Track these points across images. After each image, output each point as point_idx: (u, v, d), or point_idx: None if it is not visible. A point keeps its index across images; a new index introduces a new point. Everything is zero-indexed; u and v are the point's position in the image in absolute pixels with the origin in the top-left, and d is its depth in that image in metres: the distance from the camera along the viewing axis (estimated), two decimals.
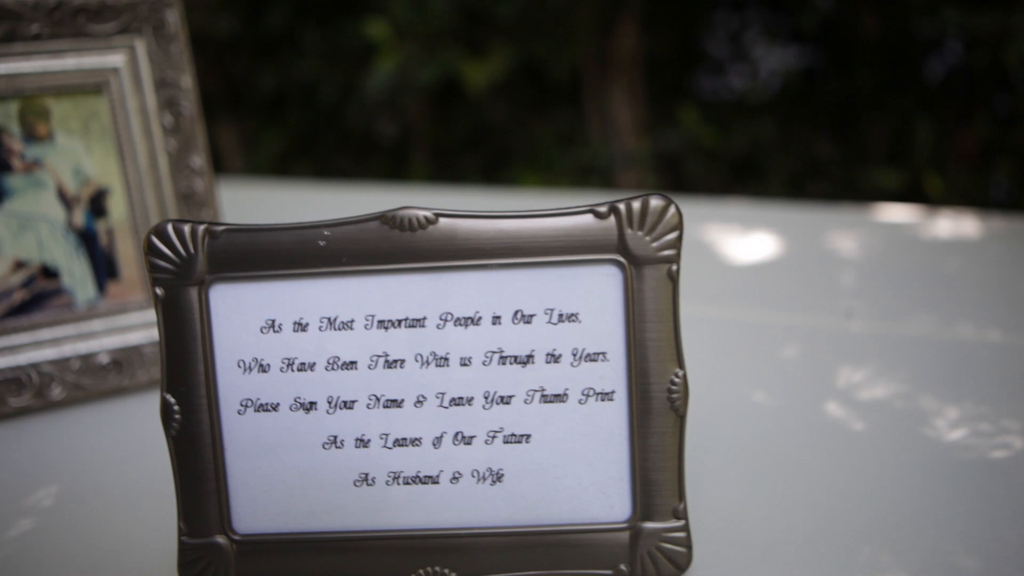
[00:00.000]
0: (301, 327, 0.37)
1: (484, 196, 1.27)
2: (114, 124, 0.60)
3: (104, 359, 0.60)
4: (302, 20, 2.06)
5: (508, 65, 1.75)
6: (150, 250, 0.36)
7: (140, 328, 0.62)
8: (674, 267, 0.36)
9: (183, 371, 0.37)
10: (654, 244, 0.36)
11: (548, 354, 0.37)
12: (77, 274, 0.61)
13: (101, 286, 0.61)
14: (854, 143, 2.04)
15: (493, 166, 2.02)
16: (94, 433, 0.58)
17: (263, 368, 0.37)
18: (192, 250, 0.36)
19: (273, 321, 0.37)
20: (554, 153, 1.88)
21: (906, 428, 0.52)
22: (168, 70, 0.60)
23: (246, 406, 0.37)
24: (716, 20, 2.16)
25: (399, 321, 0.37)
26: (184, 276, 0.36)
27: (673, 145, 1.86)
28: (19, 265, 0.60)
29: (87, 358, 0.60)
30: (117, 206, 0.61)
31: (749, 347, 0.66)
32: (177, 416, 0.37)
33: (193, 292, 0.36)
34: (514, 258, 0.36)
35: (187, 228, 0.36)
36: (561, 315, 0.36)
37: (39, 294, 0.60)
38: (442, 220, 0.36)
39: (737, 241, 0.96)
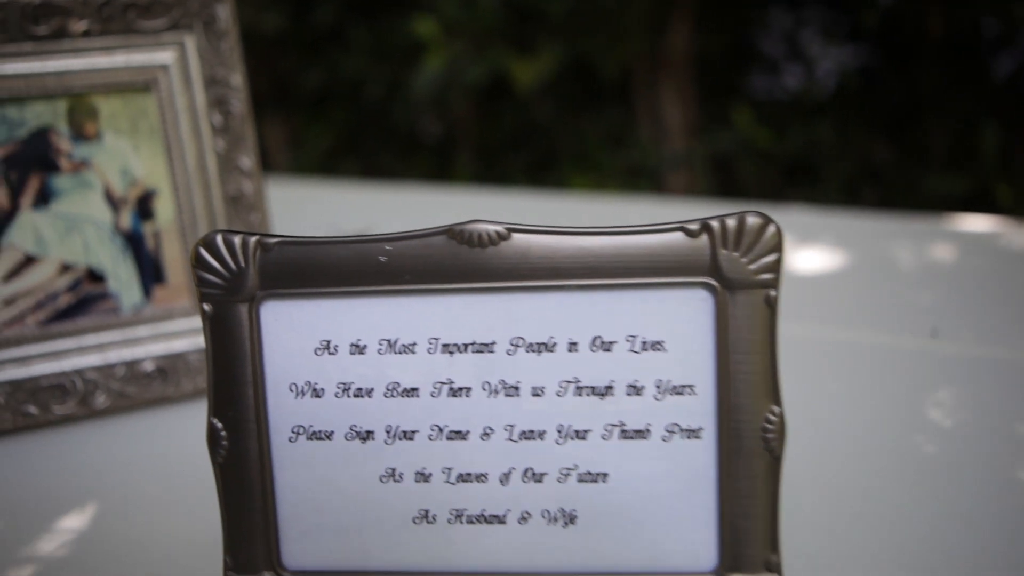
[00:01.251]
0: (359, 349, 0.34)
1: (532, 199, 1.23)
2: (163, 123, 0.58)
3: (149, 367, 0.58)
4: (349, 17, 2.05)
5: (557, 63, 1.72)
6: (198, 263, 0.34)
7: (186, 335, 0.59)
8: (772, 293, 0.32)
9: (231, 394, 0.34)
10: (751, 267, 0.32)
11: (629, 385, 0.33)
12: (123, 278, 0.59)
13: (147, 291, 0.59)
14: (914, 146, 1.96)
15: (539, 166, 1.99)
16: (137, 444, 0.56)
17: (317, 393, 0.34)
18: (243, 264, 0.34)
19: (328, 342, 0.34)
20: (602, 154, 1.84)
21: (1011, 461, 0.47)
22: (218, 67, 0.58)
23: (298, 433, 0.34)
24: (771, 18, 2.10)
25: (465, 345, 0.34)
26: (234, 291, 0.34)
27: (726, 146, 1.81)
28: (65, 268, 0.58)
29: (132, 365, 0.58)
30: (164, 208, 0.59)
31: (829, 370, 0.62)
32: (224, 442, 0.34)
33: (243, 309, 0.34)
34: (594, 279, 0.33)
35: (238, 240, 0.34)
36: (645, 343, 0.33)
37: (85, 298, 0.58)
38: (515, 236, 0.33)
39: (798, 250, 0.91)
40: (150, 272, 0.59)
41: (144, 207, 0.59)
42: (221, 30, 0.58)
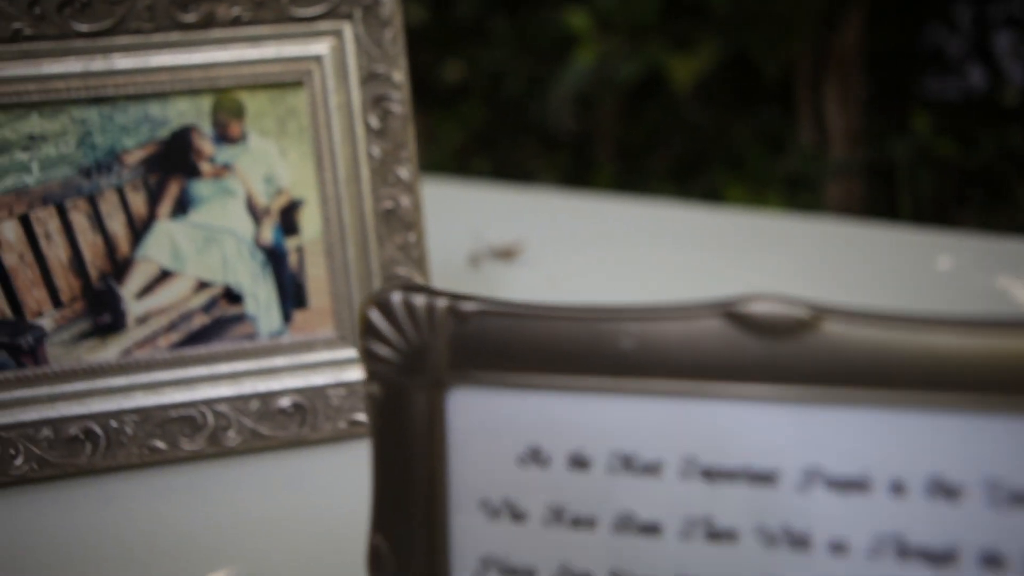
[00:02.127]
0: (580, 463, 0.24)
1: (682, 209, 1.11)
2: (314, 124, 0.51)
3: (285, 402, 0.51)
4: (492, 10, 1.98)
5: (715, 60, 1.59)
6: (368, 330, 0.25)
7: (327, 368, 0.52)
8: None
9: (402, 507, 0.25)
10: None
11: (984, 558, 0.22)
12: (262, 300, 0.52)
13: (287, 315, 0.52)
14: None
15: (685, 170, 1.86)
16: (268, 490, 0.48)
17: (518, 516, 0.25)
18: (428, 336, 0.25)
19: (538, 450, 0.24)
20: (758, 159, 1.69)
21: None
22: (379, 62, 0.50)
23: (488, 567, 0.25)
24: (955, 13, 1.88)
25: (735, 472, 0.23)
26: (413, 372, 0.25)
27: (900, 154, 1.63)
28: (201, 285, 0.52)
29: (267, 400, 0.51)
30: (310, 222, 0.52)
31: None
32: (390, 570, 0.25)
33: (424, 396, 0.25)
34: (941, 392, 0.22)
35: (421, 302, 0.25)
36: (1016, 496, 0.22)
37: (220, 320, 0.52)
38: (826, 323, 0.22)
39: None
40: (291, 294, 0.52)
41: (288, 220, 0.52)
42: (384, 18, 0.50)
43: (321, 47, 0.50)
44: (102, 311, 0.51)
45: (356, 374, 0.52)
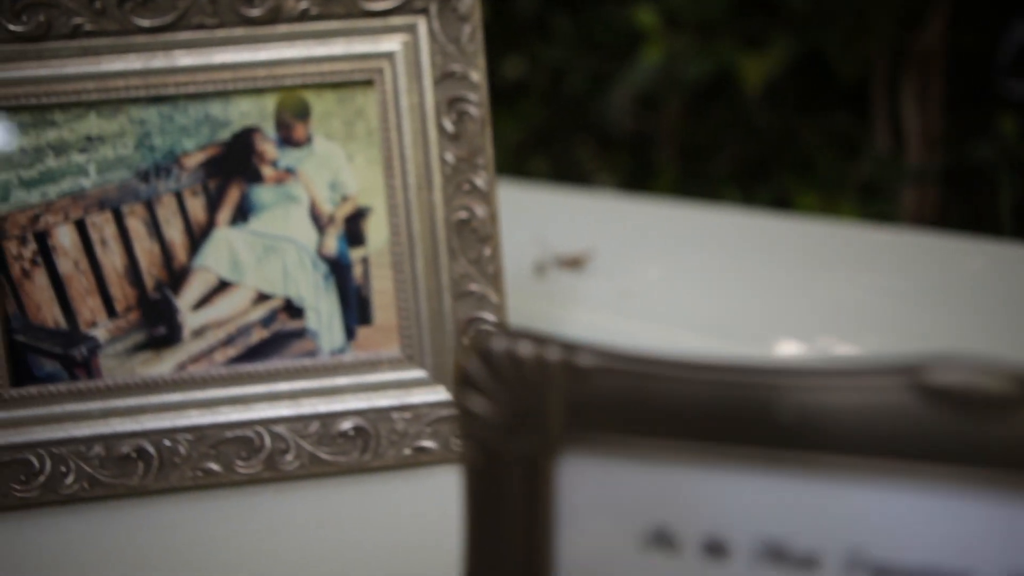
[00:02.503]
0: (718, 550, 0.20)
1: (750, 216, 1.06)
2: (383, 127, 0.47)
3: (346, 425, 0.48)
4: (554, 6, 1.94)
5: (787, 60, 1.52)
6: (465, 383, 0.21)
7: (391, 389, 0.48)
8: None
9: None
10: None
11: None
12: (324, 314, 0.49)
13: (350, 332, 0.49)
14: None
15: (751, 174, 1.79)
16: (328, 520, 0.45)
17: None
18: (536, 392, 0.21)
19: (666, 531, 0.20)
20: (830, 164, 1.62)
21: None
22: (456, 60, 0.46)
23: None
24: None
25: (915, 572, 0.19)
26: (517, 434, 0.21)
27: (983, 158, 1.54)
28: (261, 297, 0.48)
29: (327, 421, 0.48)
30: (376, 232, 0.48)
31: None
32: None
33: (529, 463, 0.21)
34: None
35: (529, 351, 0.21)
36: None
37: (279, 335, 0.49)
38: None
39: None
40: (355, 309, 0.49)
41: (353, 229, 0.48)
42: (462, 13, 0.46)
43: (393, 44, 0.46)
44: (157, 322, 0.48)
45: (423, 396, 0.48)
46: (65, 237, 0.47)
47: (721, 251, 0.88)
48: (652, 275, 0.83)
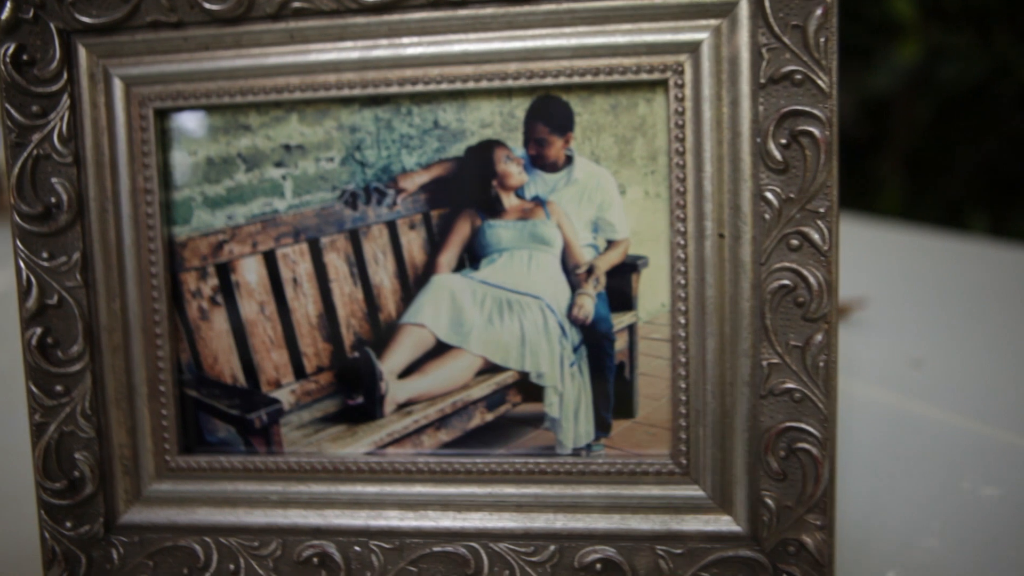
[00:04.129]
0: None
1: None
2: (674, 148, 0.33)
3: (590, 554, 0.35)
4: None
5: None
6: None
7: (655, 511, 0.35)
8: None
9: None
10: None
11: None
12: (570, 398, 0.36)
13: (603, 425, 0.36)
14: None
15: (999, 191, 1.50)
16: None
17: None
18: None
19: None
20: None
21: None
22: (797, 58, 0.32)
23: None
24: None
25: None
26: None
27: None
28: (488, 369, 0.36)
29: (565, 546, 0.35)
30: (651, 294, 0.35)
31: None
32: None
33: None
34: None
35: None
36: None
37: (507, 420, 0.36)
38: None
39: None
40: (611, 395, 0.36)
41: (619, 288, 0.35)
42: None
43: (698, 31, 0.32)
44: (354, 390, 0.37)
45: (699, 524, 0.34)
46: (251, 272, 0.37)
47: (1011, 291, 0.69)
48: (943, 334, 0.64)
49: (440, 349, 0.36)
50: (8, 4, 0.34)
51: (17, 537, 0.41)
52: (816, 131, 0.31)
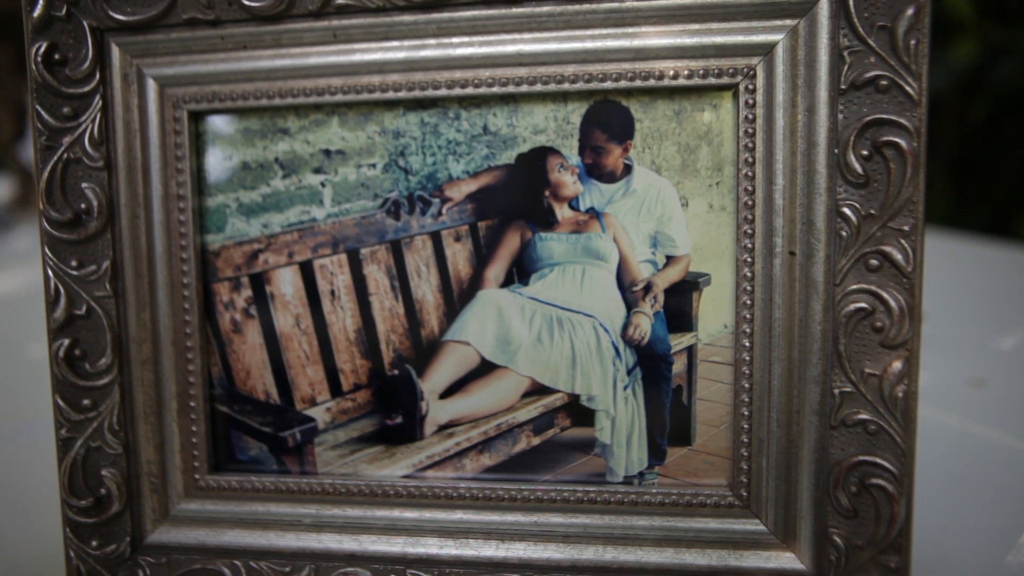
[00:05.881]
0: None
1: None
2: (739, 158, 0.31)
3: None
4: None
5: None
6: None
7: (713, 545, 0.32)
8: None
9: None
10: None
11: None
12: (622, 423, 0.33)
13: (658, 452, 0.33)
14: None
15: None
16: None
17: None
18: None
19: None
20: None
21: None
22: (884, 61, 0.29)
23: None
24: None
25: None
26: None
27: None
28: (536, 390, 0.34)
29: None
30: (713, 314, 0.32)
31: None
32: None
33: None
34: None
35: None
36: None
37: (555, 444, 0.34)
38: None
39: None
40: (667, 421, 0.33)
41: (678, 307, 0.33)
42: None
43: (773, 33, 0.30)
44: (393, 409, 0.35)
45: (760, 561, 0.32)
46: (287, 283, 0.35)
47: None
48: (1005, 351, 0.61)
49: (485, 368, 0.34)
50: (40, 1, 0.33)
51: (41, 556, 0.39)
52: (903, 142, 0.29)
